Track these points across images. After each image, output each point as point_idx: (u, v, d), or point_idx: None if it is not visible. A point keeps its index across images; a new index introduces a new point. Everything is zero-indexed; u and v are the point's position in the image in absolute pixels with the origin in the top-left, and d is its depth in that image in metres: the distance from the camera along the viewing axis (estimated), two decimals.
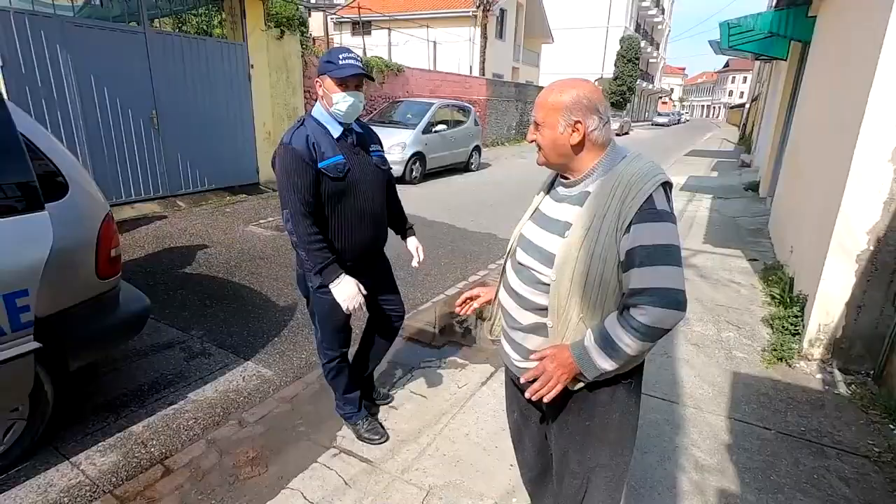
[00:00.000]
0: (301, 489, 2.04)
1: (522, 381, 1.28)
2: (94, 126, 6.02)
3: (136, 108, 6.43)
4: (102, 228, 2.24)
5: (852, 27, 3.68)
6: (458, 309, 1.63)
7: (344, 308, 1.95)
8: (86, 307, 2.20)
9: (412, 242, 2.37)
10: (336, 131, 1.94)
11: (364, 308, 2.03)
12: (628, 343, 1.13)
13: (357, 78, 1.88)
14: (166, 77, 6.72)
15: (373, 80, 2.17)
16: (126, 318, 2.45)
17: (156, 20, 7.52)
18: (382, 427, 2.39)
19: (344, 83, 1.86)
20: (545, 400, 1.23)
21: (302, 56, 8.86)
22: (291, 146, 1.84)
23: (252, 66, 7.88)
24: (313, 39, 11.45)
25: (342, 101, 1.88)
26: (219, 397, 2.70)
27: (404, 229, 2.38)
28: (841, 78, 3.73)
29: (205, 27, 7.84)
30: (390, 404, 2.63)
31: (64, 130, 5.71)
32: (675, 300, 1.10)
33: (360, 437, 2.32)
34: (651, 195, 1.13)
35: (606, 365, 1.17)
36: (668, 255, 1.11)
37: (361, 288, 1.97)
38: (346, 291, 1.93)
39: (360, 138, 2.04)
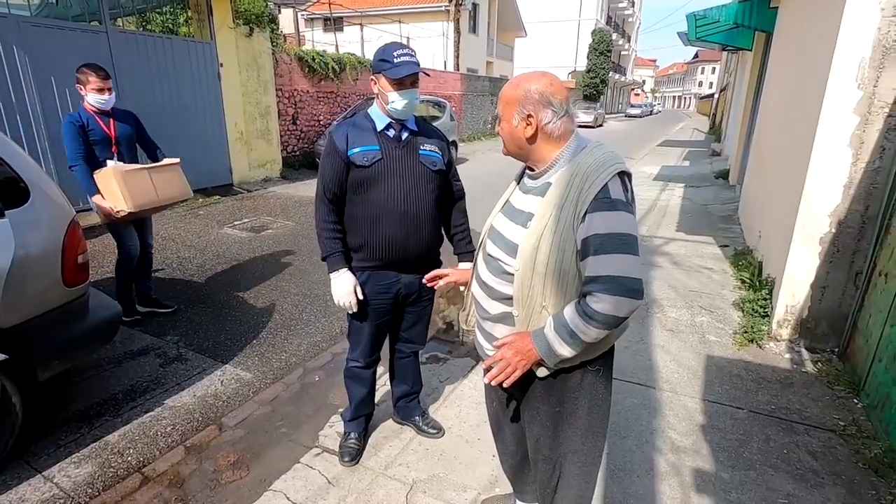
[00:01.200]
0: (284, 490, 2.03)
1: (483, 366, 1.29)
2: (57, 129, 5.74)
3: None
4: (68, 235, 2.18)
5: (811, 16, 3.80)
6: (426, 281, 1.75)
7: (336, 301, 1.94)
8: (53, 316, 2.14)
9: (463, 268, 2.04)
10: (381, 123, 1.89)
11: (354, 308, 1.96)
12: (584, 330, 1.15)
13: (414, 76, 1.82)
14: (132, 78, 6.53)
15: (427, 74, 1.94)
16: (97, 326, 2.39)
17: (118, 19, 7.29)
18: (358, 452, 2.23)
19: (400, 82, 1.80)
20: (504, 385, 1.25)
21: (273, 53, 8.72)
22: (331, 134, 1.90)
23: (221, 64, 7.71)
24: (284, 37, 11.27)
25: (398, 100, 1.82)
26: (197, 402, 2.66)
27: (461, 250, 2.19)
28: (802, 66, 3.85)
29: (170, 26, 7.64)
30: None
31: (24, 135, 5.51)
32: (628, 288, 1.11)
33: (340, 445, 2.26)
34: (606, 184, 1.14)
35: (565, 352, 1.19)
36: (623, 243, 1.12)
37: (359, 292, 1.94)
38: (340, 288, 1.92)
39: (415, 134, 1.94)
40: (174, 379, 2.86)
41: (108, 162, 3.10)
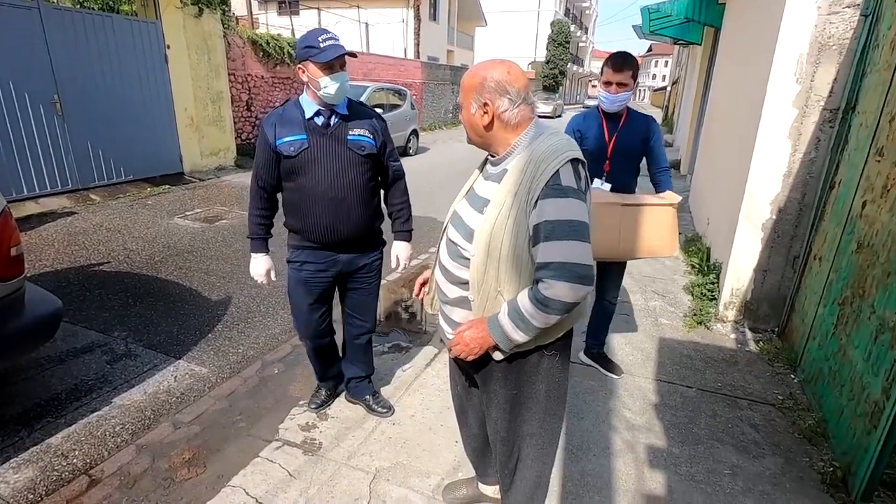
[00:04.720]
0: (243, 485, 1.98)
1: (448, 348, 1.33)
2: None
3: (35, 93, 5.80)
4: None
5: (755, 13, 3.97)
6: (416, 295, 1.64)
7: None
8: None
9: (395, 248, 2.24)
10: (310, 111, 1.91)
11: (266, 284, 2.24)
12: (536, 316, 1.17)
13: (342, 58, 1.84)
14: (68, 58, 6.10)
15: (355, 55, 1.95)
16: (34, 323, 2.24)
17: None
18: (324, 402, 2.48)
19: (329, 66, 1.82)
20: (467, 360, 1.30)
21: (224, 36, 8.34)
22: (262, 125, 1.95)
23: (168, 46, 7.31)
24: (236, 19, 10.80)
25: (330, 84, 1.83)
26: (148, 400, 2.55)
27: (397, 229, 2.24)
28: (746, 61, 4.03)
29: (110, 3, 7.16)
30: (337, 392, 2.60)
31: None
32: (577, 274, 1.13)
33: (309, 399, 2.50)
34: (558, 171, 1.16)
35: (519, 337, 1.22)
36: (572, 230, 1.14)
37: (272, 276, 2.21)
38: (255, 269, 2.18)
39: (345, 119, 1.95)
40: (123, 376, 2.72)
41: (596, 182, 2.42)
